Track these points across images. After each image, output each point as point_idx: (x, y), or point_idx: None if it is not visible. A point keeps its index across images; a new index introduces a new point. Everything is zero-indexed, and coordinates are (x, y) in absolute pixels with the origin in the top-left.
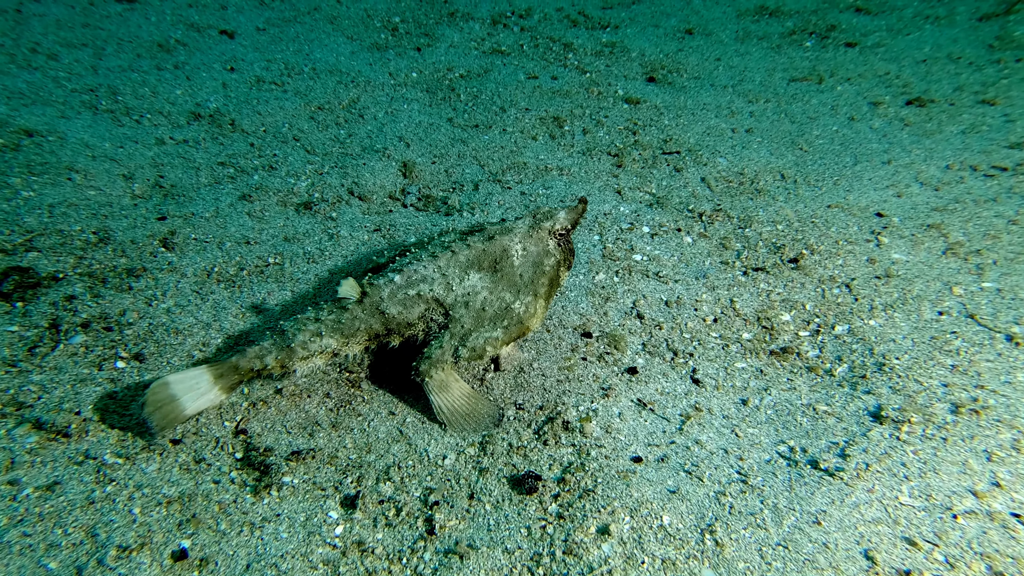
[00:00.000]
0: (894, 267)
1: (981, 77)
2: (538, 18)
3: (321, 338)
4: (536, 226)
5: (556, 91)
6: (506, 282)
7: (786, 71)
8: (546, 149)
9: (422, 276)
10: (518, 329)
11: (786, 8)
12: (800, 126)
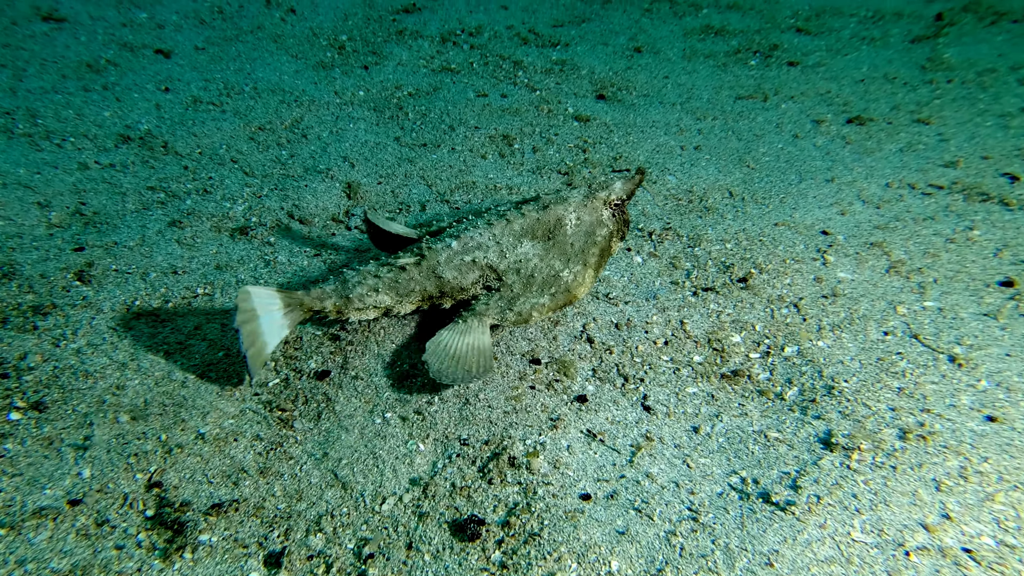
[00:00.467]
0: (840, 286)
1: (915, 97)
2: (488, 36)
3: (377, 293)
4: (591, 196)
5: (506, 109)
6: (557, 251)
7: (732, 89)
8: (495, 167)
9: (477, 243)
10: (565, 297)
11: (730, 28)
12: (747, 143)
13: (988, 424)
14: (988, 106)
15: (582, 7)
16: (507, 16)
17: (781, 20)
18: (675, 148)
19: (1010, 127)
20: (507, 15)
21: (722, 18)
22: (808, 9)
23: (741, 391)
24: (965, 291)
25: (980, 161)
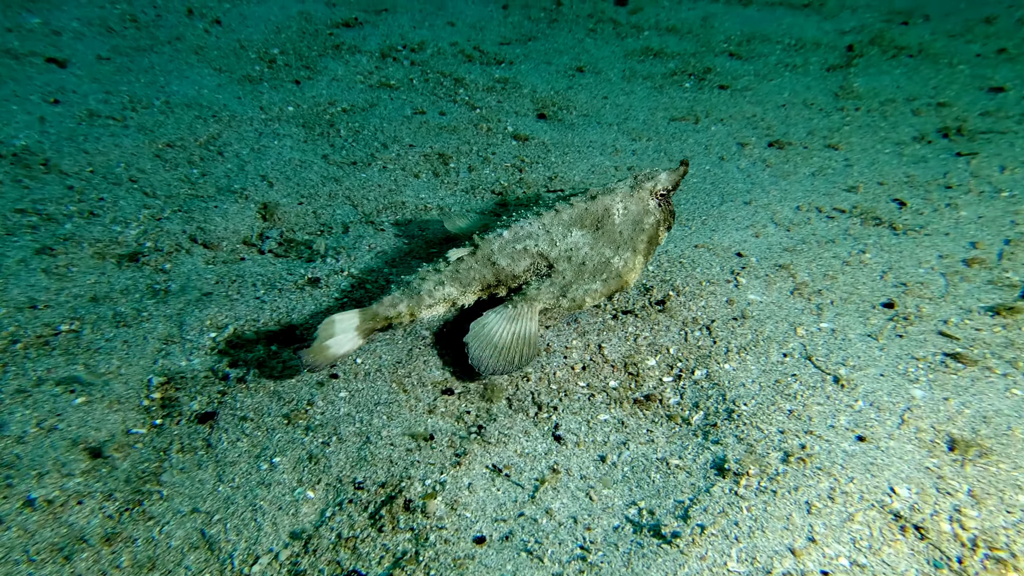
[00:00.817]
0: (749, 308)
1: (829, 122)
2: (431, 52)
3: (443, 287)
4: (637, 186)
5: (444, 127)
6: (606, 238)
7: (667, 110)
8: (428, 187)
9: (528, 232)
10: (616, 282)
11: (669, 50)
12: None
13: (858, 444)
14: (887, 134)
15: (529, 26)
16: (453, 33)
17: (716, 44)
18: (609, 168)
19: (903, 155)
20: (453, 32)
21: (661, 41)
22: (740, 35)
23: (651, 416)
24: (855, 312)
25: (877, 187)
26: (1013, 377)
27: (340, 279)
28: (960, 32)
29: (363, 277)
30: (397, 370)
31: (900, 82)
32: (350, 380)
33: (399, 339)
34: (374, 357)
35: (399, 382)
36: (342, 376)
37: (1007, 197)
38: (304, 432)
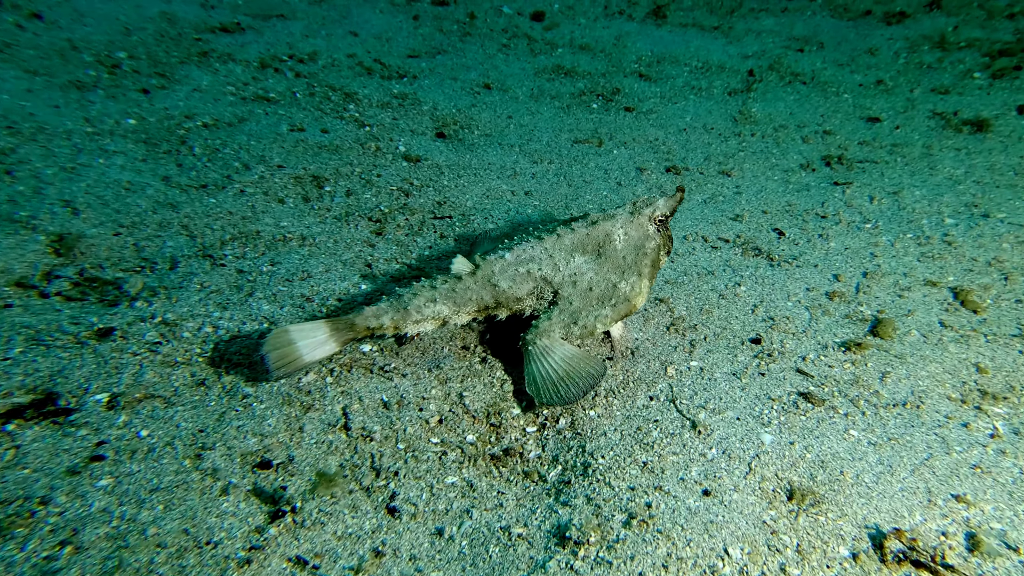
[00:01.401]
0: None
1: (725, 148)
2: (324, 64)
3: (435, 304)
4: (636, 212)
5: (324, 146)
6: (611, 264)
7: (572, 132)
8: (293, 214)
9: (530, 256)
10: (626, 307)
11: (580, 69)
12: (576, 190)
13: (703, 499)
14: (778, 160)
15: (440, 38)
16: (354, 43)
17: (626, 64)
18: (506, 193)
19: (789, 182)
20: (354, 42)
21: (574, 59)
22: (651, 55)
23: (507, 475)
24: (725, 349)
25: (760, 215)
26: (853, 417)
27: (146, 328)
28: (847, 62)
29: (179, 323)
30: (196, 441)
31: (793, 108)
32: (122, 461)
33: (212, 399)
34: (168, 426)
35: (194, 457)
36: (111, 457)
37: (870, 228)
38: (17, 548)
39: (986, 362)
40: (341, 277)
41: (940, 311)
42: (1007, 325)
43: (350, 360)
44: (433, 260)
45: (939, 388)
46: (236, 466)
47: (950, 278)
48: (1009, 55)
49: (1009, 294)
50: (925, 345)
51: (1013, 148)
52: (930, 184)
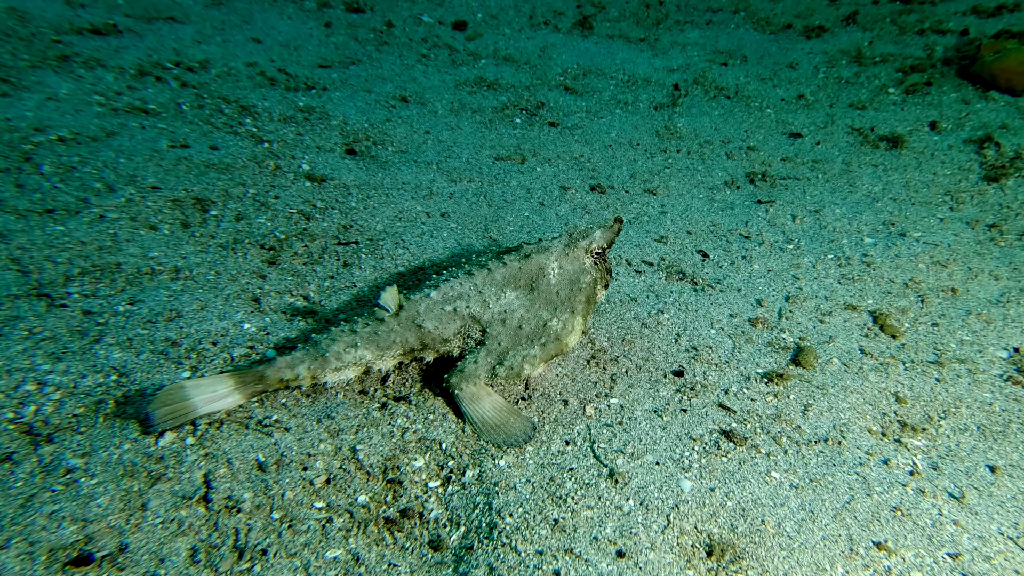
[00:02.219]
0: (541, 382)
1: (651, 165)
2: (218, 72)
3: (356, 349)
4: (572, 245)
5: (212, 164)
6: (543, 300)
7: (493, 148)
8: (167, 242)
9: (458, 293)
10: (556, 347)
11: (503, 82)
12: (496, 210)
13: (616, 562)
14: (703, 178)
15: (355, 48)
16: (256, 51)
17: (552, 77)
18: (420, 214)
19: (714, 200)
20: (256, 50)
21: (497, 71)
22: (577, 68)
23: (404, 540)
24: (647, 383)
25: (685, 236)
26: (775, 457)
27: None
28: (769, 76)
29: None
30: None
31: (718, 124)
32: None
33: (18, 479)
34: None
35: None
36: None
37: (793, 249)
38: None
39: (905, 391)
40: (220, 315)
41: (860, 337)
42: (924, 350)
43: (224, 414)
44: (334, 291)
45: (860, 420)
46: (39, 568)
47: (869, 301)
48: (920, 71)
49: (925, 317)
50: (846, 374)
51: (927, 164)
52: (850, 202)
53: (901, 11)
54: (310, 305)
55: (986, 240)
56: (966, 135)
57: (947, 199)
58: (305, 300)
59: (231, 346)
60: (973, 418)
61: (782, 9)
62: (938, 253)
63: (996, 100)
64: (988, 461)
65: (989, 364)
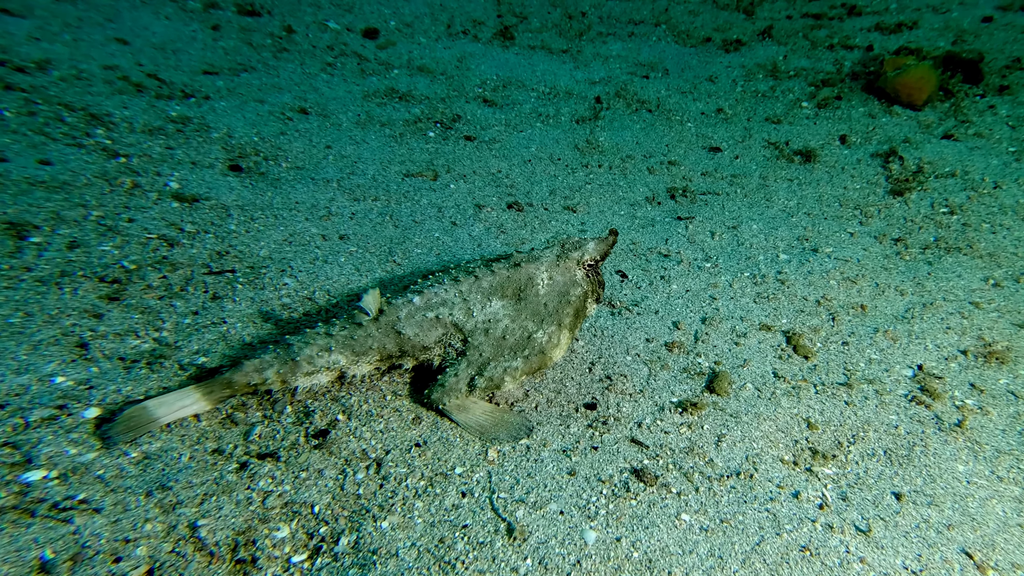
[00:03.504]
0: (437, 426)
1: (571, 181)
2: (61, 75)
3: (330, 353)
4: (564, 256)
5: (40, 182)
6: (530, 311)
7: (403, 164)
8: None
9: (442, 299)
10: (539, 360)
11: (417, 93)
12: (404, 231)
13: None
14: (624, 194)
15: (248, 53)
16: (120, 53)
17: (470, 89)
18: (315, 237)
19: (636, 217)
20: (120, 52)
21: (410, 81)
22: (496, 79)
23: None
24: (557, 419)
25: None
26: (686, 496)
27: None
28: (689, 89)
29: None
30: None
31: (639, 137)
32: None
33: None
34: None
35: None
36: None
37: (710, 268)
38: None
39: (816, 416)
40: (19, 368)
41: (774, 359)
42: (835, 371)
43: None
44: (197, 329)
45: (772, 450)
46: None
47: (783, 321)
48: (831, 85)
49: (836, 336)
50: (759, 400)
51: (838, 179)
52: (767, 217)
53: (813, 26)
54: (161, 348)
55: (892, 254)
56: (873, 149)
57: (857, 213)
58: (156, 342)
59: (27, 408)
60: (880, 442)
61: (702, 23)
62: (848, 269)
63: (899, 114)
64: (894, 488)
65: (895, 383)
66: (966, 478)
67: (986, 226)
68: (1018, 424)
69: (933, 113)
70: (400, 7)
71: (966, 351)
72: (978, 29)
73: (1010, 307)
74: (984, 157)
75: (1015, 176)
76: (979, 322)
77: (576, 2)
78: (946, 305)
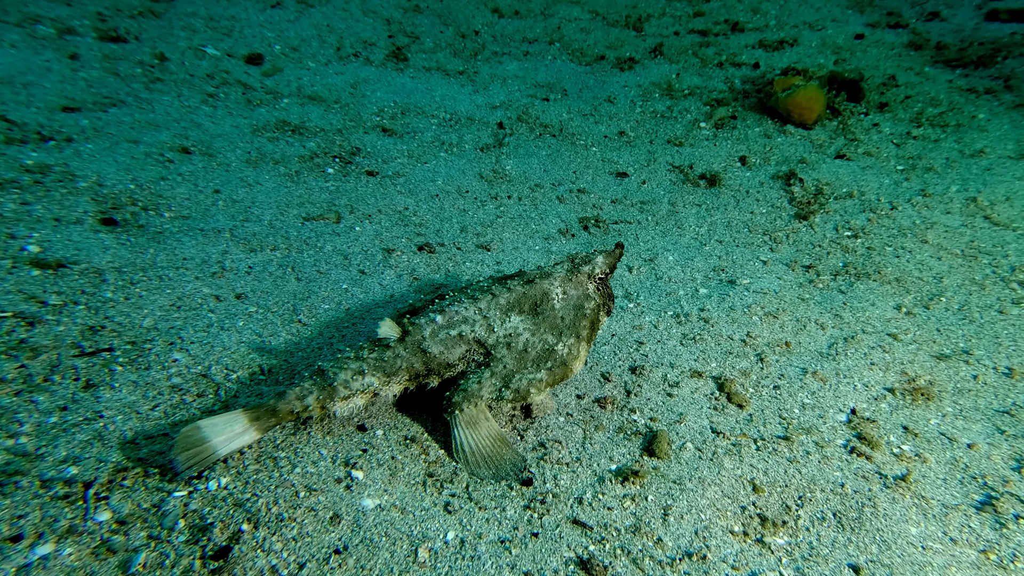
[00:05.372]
0: (362, 523)
1: (482, 215)
2: None
3: (363, 376)
4: (575, 271)
5: None
6: (547, 324)
7: (302, 206)
8: None
9: (463, 317)
10: (562, 371)
11: (310, 125)
12: (307, 285)
13: None
14: (537, 226)
15: (116, 85)
16: None
17: (367, 117)
18: (207, 299)
19: (551, 252)
20: None
21: (302, 112)
22: (394, 106)
23: None
24: (490, 501)
25: None
26: None
27: None
28: (590, 111)
29: None
30: None
31: (546, 165)
32: None
33: None
34: None
35: None
36: None
37: (633, 308)
38: None
39: (760, 477)
40: None
41: (709, 411)
42: (771, 422)
43: None
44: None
45: (721, 520)
46: None
47: (712, 365)
48: (725, 104)
49: (767, 380)
50: (701, 462)
51: (744, 203)
52: (680, 246)
53: (700, 43)
54: (17, 461)
55: (806, 283)
56: (773, 170)
57: (766, 239)
58: (11, 452)
59: None
60: (828, 503)
61: (594, 40)
62: (767, 302)
63: (793, 134)
64: (850, 559)
65: (832, 432)
66: (920, 543)
67: (889, 249)
68: (957, 472)
69: (823, 132)
70: (284, 29)
71: (892, 389)
72: (852, 46)
73: (925, 337)
74: (876, 176)
75: (907, 196)
76: (900, 356)
77: (468, 21)
78: (866, 338)
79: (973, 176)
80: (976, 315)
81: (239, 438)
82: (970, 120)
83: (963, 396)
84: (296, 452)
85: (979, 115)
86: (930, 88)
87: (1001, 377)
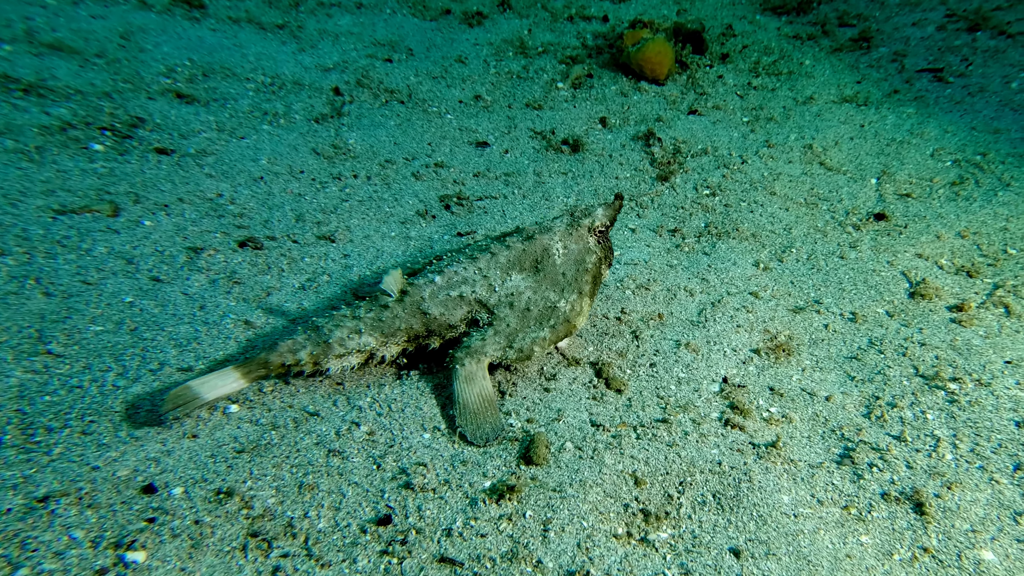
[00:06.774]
0: None
1: (323, 200)
2: None
3: (360, 335)
4: (575, 224)
5: None
6: (549, 281)
7: (52, 195)
8: None
9: (463, 278)
10: (565, 328)
11: (55, 85)
12: (65, 301)
13: None
14: (391, 209)
15: None
16: None
17: (151, 79)
18: None
19: (409, 238)
20: None
21: (40, 65)
22: (190, 65)
23: None
24: (339, 552)
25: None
26: None
27: None
28: (440, 73)
29: None
30: None
31: (396, 136)
32: None
33: None
34: None
35: None
36: None
37: None
38: None
39: (641, 468)
40: None
41: (588, 401)
42: (649, 404)
43: None
44: None
45: (604, 525)
46: None
47: (590, 349)
48: (580, 62)
49: (643, 359)
50: (582, 462)
51: (608, 168)
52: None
53: None
54: None
55: (673, 248)
56: (632, 131)
57: (633, 205)
58: None
59: None
60: (707, 484)
61: None
62: (639, 274)
63: (647, 91)
64: (730, 541)
65: (708, 405)
66: (792, 511)
67: (744, 205)
68: (818, 427)
69: (675, 87)
70: None
71: (758, 350)
72: None
73: (781, 291)
74: (726, 130)
75: (754, 148)
76: (761, 314)
77: None
78: (731, 300)
79: (807, 123)
80: (822, 263)
81: (227, 386)
82: (799, 67)
83: (817, 347)
84: (31, 528)
85: (806, 61)
86: (763, 36)
87: (847, 323)
